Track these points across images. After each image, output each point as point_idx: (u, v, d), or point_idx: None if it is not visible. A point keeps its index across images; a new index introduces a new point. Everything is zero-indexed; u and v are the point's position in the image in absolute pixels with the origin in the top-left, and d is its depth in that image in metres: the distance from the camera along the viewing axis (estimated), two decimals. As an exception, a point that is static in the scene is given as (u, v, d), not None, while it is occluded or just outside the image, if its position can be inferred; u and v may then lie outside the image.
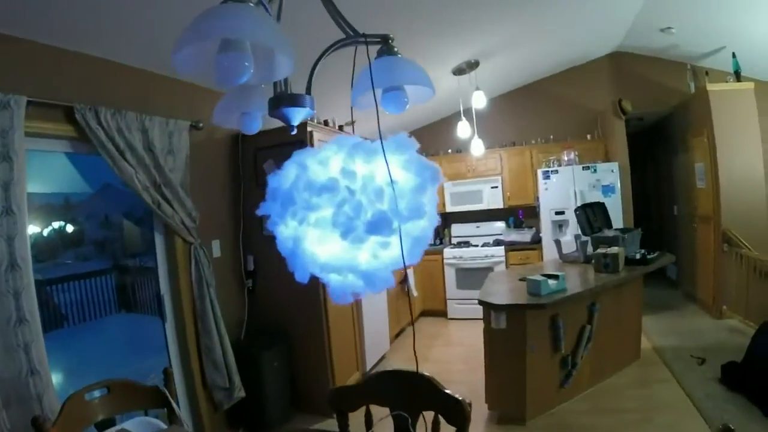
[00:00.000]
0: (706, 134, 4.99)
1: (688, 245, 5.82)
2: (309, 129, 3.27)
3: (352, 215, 0.90)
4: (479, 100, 4.75)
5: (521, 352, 3.13)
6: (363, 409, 1.60)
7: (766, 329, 3.40)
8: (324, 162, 0.98)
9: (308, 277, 1.01)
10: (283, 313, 3.44)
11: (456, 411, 1.43)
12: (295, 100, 0.99)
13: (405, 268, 1.00)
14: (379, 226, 0.89)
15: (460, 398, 1.44)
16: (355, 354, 3.85)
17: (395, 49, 1.09)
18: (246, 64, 0.77)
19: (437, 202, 1.06)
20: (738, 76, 4.95)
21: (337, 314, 3.47)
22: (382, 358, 4.48)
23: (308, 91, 1.03)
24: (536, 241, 5.90)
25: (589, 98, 6.22)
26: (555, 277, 3.24)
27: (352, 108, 1.15)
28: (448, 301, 5.98)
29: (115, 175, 2.45)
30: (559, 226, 5.62)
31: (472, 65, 4.69)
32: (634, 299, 4.06)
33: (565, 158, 5.74)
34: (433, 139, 6.65)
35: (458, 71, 4.75)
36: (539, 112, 6.41)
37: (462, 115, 5.24)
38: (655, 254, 3.98)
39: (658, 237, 6.99)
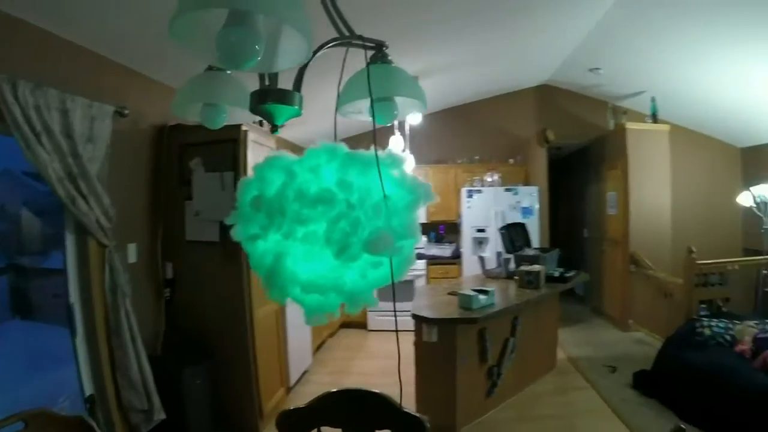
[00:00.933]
0: (621, 167, 5.46)
1: (596, 265, 6.31)
2: (244, 128, 3.07)
3: (349, 231, 0.82)
4: (414, 117, 4.78)
5: (452, 363, 3.20)
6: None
7: (673, 340, 3.79)
8: (315, 170, 0.89)
9: (286, 298, 0.91)
10: (204, 326, 3.17)
11: (415, 429, 1.39)
12: (284, 97, 0.90)
13: (393, 288, 0.94)
14: (379, 244, 0.82)
15: (419, 416, 1.40)
16: (279, 369, 3.66)
17: (389, 57, 1.04)
18: (257, 47, 0.66)
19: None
20: (655, 118, 5.49)
21: (262, 327, 3.28)
22: (305, 372, 4.33)
23: (297, 88, 0.93)
24: (456, 257, 6.08)
25: (514, 124, 6.57)
26: (485, 292, 3.35)
27: (336, 114, 1.08)
28: (368, 313, 5.92)
29: (28, 162, 2.11)
30: (479, 242, 5.84)
31: (411, 82, 4.72)
32: (552, 313, 4.33)
33: (488, 179, 6.01)
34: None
35: (396, 85, 4.76)
36: (467, 133, 6.64)
37: (396, 129, 5.24)
38: (573, 273, 4.26)
39: (568, 257, 7.49)
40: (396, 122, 5.14)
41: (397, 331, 1.15)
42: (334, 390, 1.57)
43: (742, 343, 3.39)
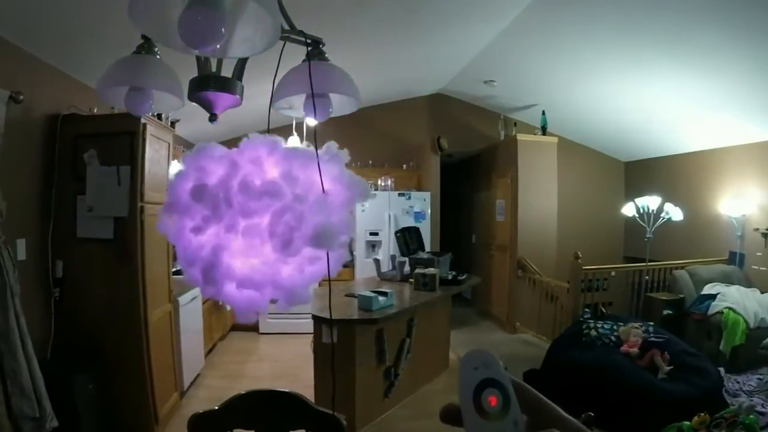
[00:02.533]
0: (510, 176, 5.85)
1: (484, 269, 6.68)
2: (143, 121, 2.90)
3: (293, 225, 0.82)
4: (313, 119, 4.72)
5: (350, 365, 3.22)
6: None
7: (560, 341, 4.12)
8: (257, 162, 0.87)
9: (223, 293, 0.88)
10: (96, 328, 2.94)
11: (331, 426, 1.40)
12: (226, 85, 0.87)
13: (330, 283, 0.96)
14: (323, 239, 0.82)
15: (335, 414, 1.41)
16: (173, 373, 3.47)
17: (325, 55, 1.05)
18: (222, 29, 0.63)
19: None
20: (544, 130, 5.95)
21: (156, 330, 3.10)
22: (198, 376, 4.13)
23: (239, 76, 0.90)
24: (349, 260, 6.15)
25: (408, 131, 6.78)
26: (384, 293, 3.42)
27: (270, 109, 1.06)
28: (260, 315, 5.77)
29: None
30: (372, 246, 5.95)
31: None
32: (444, 315, 4.56)
33: (382, 184, 6.14)
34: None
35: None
36: (362, 138, 6.56)
37: (294, 129, 5.16)
38: (465, 276, 4.53)
39: (457, 261, 7.92)
40: (294, 122, 5.14)
41: (331, 319, 1.16)
42: (245, 392, 1.53)
43: (627, 344, 3.74)
